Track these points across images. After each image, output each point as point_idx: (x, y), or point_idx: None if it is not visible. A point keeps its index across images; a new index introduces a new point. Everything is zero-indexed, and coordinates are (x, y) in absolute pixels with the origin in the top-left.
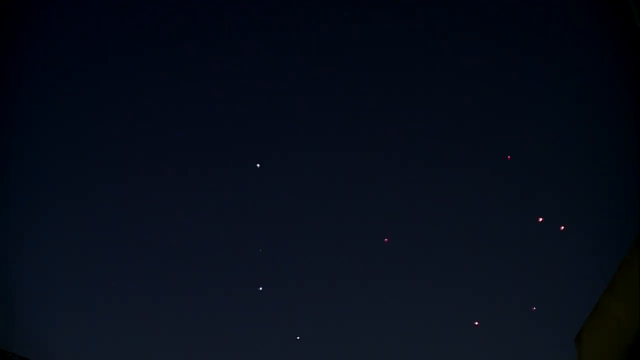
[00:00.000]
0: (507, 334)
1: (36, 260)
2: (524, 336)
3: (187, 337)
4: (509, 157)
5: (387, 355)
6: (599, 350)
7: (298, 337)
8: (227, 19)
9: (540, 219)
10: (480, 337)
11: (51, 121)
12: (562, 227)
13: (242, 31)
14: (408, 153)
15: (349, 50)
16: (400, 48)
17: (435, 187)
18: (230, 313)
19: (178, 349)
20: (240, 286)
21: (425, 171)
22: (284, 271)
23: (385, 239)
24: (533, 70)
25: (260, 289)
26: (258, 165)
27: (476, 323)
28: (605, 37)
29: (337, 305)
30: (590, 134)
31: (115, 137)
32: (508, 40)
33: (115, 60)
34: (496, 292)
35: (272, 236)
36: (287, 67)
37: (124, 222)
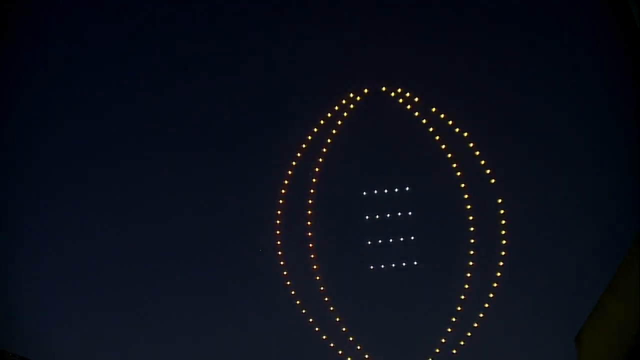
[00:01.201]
0: (506, 334)
1: (38, 261)
2: (523, 336)
3: (189, 338)
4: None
5: (390, 354)
6: (599, 350)
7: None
8: (226, 15)
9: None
10: (480, 336)
11: (47, 122)
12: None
13: (241, 30)
14: (408, 153)
15: (349, 51)
16: (399, 48)
17: (435, 185)
18: (230, 312)
19: (180, 349)
20: (243, 286)
21: (426, 169)
22: (284, 270)
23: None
24: (532, 70)
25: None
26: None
27: (475, 325)
28: (606, 37)
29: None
30: (590, 133)
31: (116, 138)
32: (507, 40)
33: (113, 62)
34: (495, 291)
35: (272, 236)
36: (287, 67)
37: (127, 223)
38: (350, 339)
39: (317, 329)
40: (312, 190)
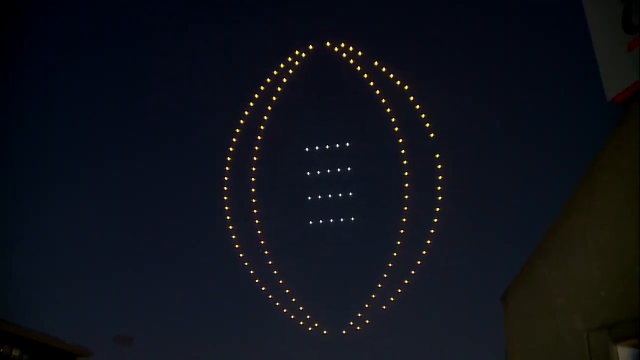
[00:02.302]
0: (436, 291)
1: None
2: (453, 291)
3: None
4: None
5: (322, 307)
6: (525, 308)
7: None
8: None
9: None
10: (410, 293)
11: (45, 121)
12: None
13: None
14: (350, 108)
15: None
16: (345, 4)
17: (375, 140)
18: (176, 263)
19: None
20: (187, 242)
21: (366, 124)
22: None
23: None
24: (531, 70)
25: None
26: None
27: (406, 281)
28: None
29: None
30: (593, 133)
31: (113, 134)
32: (508, 41)
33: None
34: (427, 249)
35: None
36: (231, 26)
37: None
38: (287, 291)
39: (257, 280)
40: (256, 147)
